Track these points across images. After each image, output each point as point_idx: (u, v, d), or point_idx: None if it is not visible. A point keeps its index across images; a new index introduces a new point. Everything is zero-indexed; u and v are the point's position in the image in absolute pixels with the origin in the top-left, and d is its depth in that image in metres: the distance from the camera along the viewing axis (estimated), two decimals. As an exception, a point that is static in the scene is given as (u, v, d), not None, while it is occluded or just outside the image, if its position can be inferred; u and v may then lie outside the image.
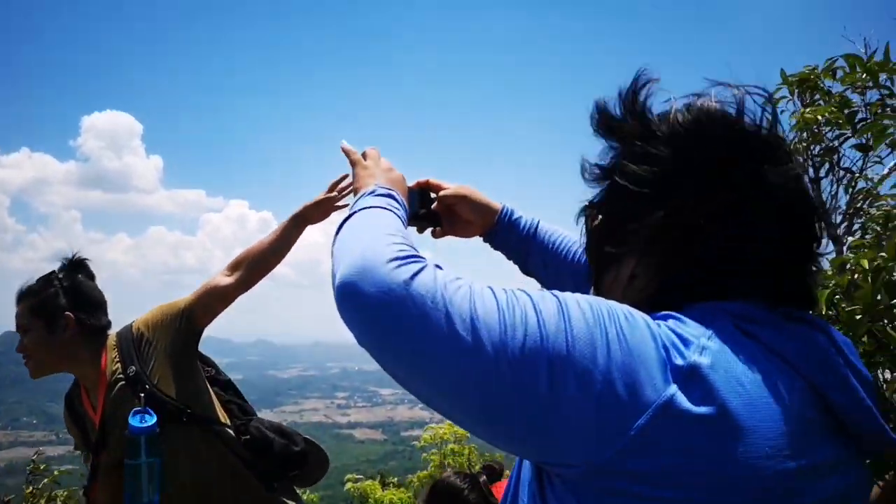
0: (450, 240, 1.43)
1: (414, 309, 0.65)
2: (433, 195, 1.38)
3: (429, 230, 1.39)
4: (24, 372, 2.15)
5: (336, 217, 2.25)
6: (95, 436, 2.07)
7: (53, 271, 2.13)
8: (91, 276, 2.18)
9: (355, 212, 0.94)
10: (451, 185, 1.39)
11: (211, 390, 2.18)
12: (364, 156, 1.19)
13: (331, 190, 2.20)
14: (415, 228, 1.37)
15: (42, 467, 2.82)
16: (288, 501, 2.18)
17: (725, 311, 0.70)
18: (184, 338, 2.07)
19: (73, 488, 2.92)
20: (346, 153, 1.22)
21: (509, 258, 1.44)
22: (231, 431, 2.12)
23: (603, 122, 0.82)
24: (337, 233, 0.88)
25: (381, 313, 0.67)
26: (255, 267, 2.13)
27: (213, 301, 2.10)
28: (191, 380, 2.09)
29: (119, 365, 2.03)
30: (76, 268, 2.16)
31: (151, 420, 1.93)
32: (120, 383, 2.01)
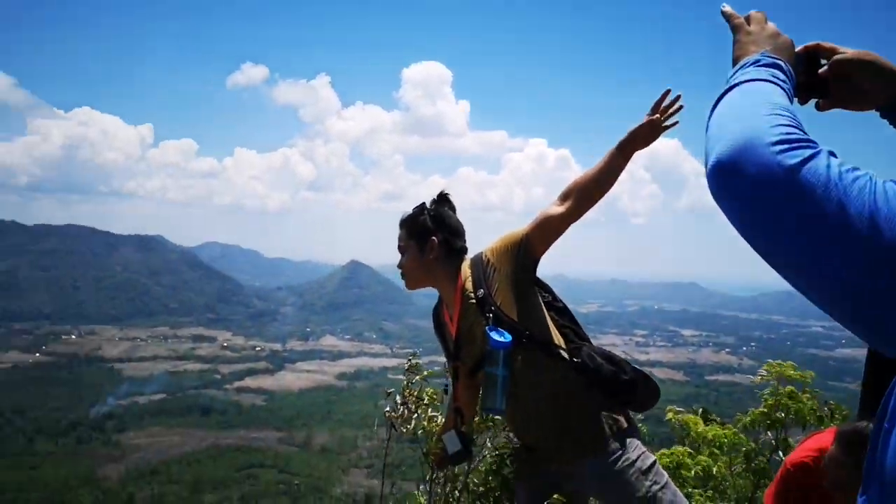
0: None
1: (802, 196, 0.59)
2: (823, 61, 1.19)
3: (812, 102, 1.21)
4: (366, 294, 2.66)
5: (659, 145, 2.34)
6: (452, 345, 2.41)
7: (424, 202, 2.45)
8: (453, 208, 2.47)
9: (735, 84, 0.86)
10: (848, 50, 1.17)
11: (547, 315, 2.32)
12: (748, 20, 1.09)
13: (654, 111, 2.19)
14: (795, 99, 1.22)
15: (414, 363, 3.37)
16: (618, 417, 2.23)
17: None
18: (522, 265, 2.23)
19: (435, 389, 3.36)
20: (727, 17, 1.11)
21: None
22: (565, 354, 2.24)
23: None
24: (713, 109, 0.82)
25: (762, 197, 0.62)
26: (582, 197, 2.20)
27: (546, 231, 2.24)
28: (529, 304, 2.26)
29: (471, 285, 2.28)
30: (442, 200, 2.46)
31: (509, 337, 2.16)
32: (470, 301, 2.27)
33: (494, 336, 2.16)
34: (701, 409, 4.60)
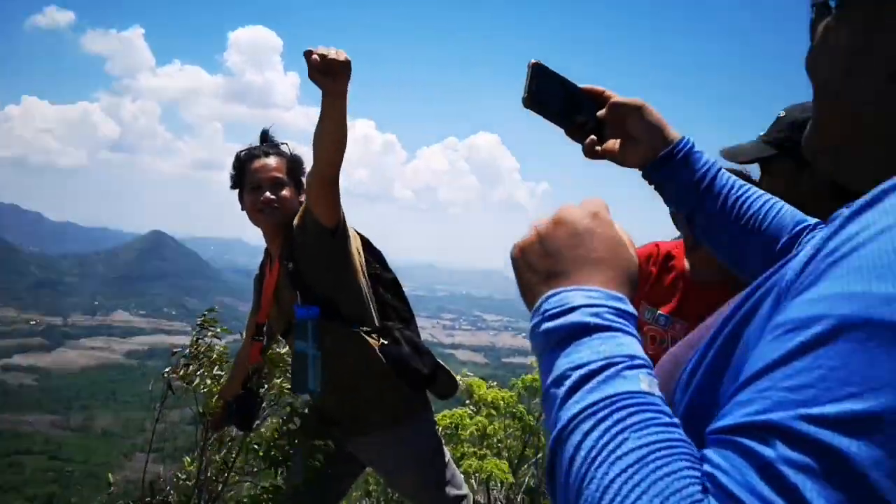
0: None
1: None
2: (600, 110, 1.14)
3: (582, 147, 1.15)
4: (168, 268, 2.36)
5: (480, 139, 2.17)
6: (263, 301, 2.30)
7: (286, 144, 2.31)
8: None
9: (582, 413, 0.47)
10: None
11: (367, 289, 2.18)
12: (559, 225, 0.62)
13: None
14: (571, 140, 1.15)
15: (210, 319, 3.17)
16: (413, 401, 2.24)
17: None
18: (317, 234, 2.05)
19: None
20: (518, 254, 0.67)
21: (668, 202, 1.17)
22: (373, 335, 2.14)
23: None
24: (559, 453, 0.47)
25: None
26: (313, 147, 1.94)
27: (309, 191, 2.06)
28: (340, 274, 2.11)
29: (285, 251, 2.15)
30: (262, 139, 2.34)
31: (316, 309, 2.07)
32: (286, 266, 2.15)
33: (299, 310, 2.08)
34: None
